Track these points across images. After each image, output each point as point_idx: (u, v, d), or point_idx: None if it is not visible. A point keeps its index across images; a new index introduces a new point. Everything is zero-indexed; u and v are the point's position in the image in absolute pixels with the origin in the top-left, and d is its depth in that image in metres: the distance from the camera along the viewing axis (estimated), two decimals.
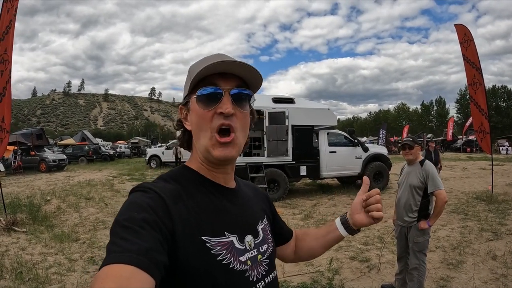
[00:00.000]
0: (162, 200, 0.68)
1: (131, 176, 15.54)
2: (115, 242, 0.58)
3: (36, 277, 4.09)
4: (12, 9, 6.19)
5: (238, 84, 0.76)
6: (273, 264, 0.85)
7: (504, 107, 57.61)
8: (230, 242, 0.73)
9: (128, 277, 0.53)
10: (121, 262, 0.54)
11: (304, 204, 8.55)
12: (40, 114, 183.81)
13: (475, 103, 8.52)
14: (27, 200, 8.71)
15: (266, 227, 0.88)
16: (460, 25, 9.00)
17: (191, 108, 0.78)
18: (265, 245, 0.83)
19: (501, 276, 3.85)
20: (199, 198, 0.74)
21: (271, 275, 0.82)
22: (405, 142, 3.32)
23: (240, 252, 0.74)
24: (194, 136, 0.80)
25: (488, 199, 8.16)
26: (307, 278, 3.96)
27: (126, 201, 0.68)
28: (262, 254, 0.81)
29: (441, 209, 3.09)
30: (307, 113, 9.66)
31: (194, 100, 0.76)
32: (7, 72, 6.11)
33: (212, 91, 0.74)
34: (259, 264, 0.78)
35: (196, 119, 0.76)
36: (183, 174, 0.79)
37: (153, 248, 0.59)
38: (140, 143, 40.85)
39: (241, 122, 0.77)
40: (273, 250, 0.87)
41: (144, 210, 0.64)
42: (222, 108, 0.73)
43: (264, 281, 0.78)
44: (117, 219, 0.63)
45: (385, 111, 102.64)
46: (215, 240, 0.71)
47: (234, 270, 0.72)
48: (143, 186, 0.71)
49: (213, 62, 0.71)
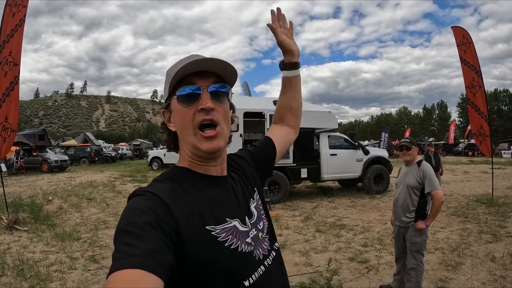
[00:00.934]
0: (160, 200, 0.69)
1: (132, 178, 15.59)
2: (119, 249, 0.60)
3: (37, 274, 4.13)
4: (20, 14, 6.28)
5: (215, 81, 0.80)
6: (274, 237, 0.89)
7: (506, 111, 57.47)
8: (233, 226, 0.77)
9: (136, 281, 0.54)
10: (128, 267, 0.55)
11: (305, 206, 8.56)
12: (43, 115, 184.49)
13: (474, 106, 8.53)
14: (29, 200, 8.75)
15: (258, 202, 0.92)
16: (458, 28, 9.03)
17: (173, 109, 0.80)
18: (261, 222, 0.87)
19: (500, 278, 3.87)
20: (194, 192, 0.77)
21: (274, 248, 0.86)
22: (402, 143, 3.36)
23: (244, 234, 0.78)
24: (179, 136, 0.82)
25: (489, 202, 8.16)
26: (305, 279, 3.99)
27: (125, 208, 0.69)
28: (261, 231, 0.84)
29: (438, 209, 3.12)
30: (308, 116, 9.67)
31: (175, 101, 0.78)
32: (11, 73, 6.19)
33: (191, 89, 0.77)
34: (262, 242, 0.82)
35: (179, 119, 0.79)
36: (175, 173, 0.81)
37: (157, 249, 0.60)
38: (142, 145, 41.04)
39: (222, 115, 0.79)
40: (269, 224, 0.90)
41: (144, 212, 0.65)
42: (203, 104, 0.76)
43: (270, 258, 0.82)
44: (119, 227, 0.64)
45: (387, 114, 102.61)
46: (219, 227, 0.74)
47: (243, 252, 0.75)
48: (139, 190, 0.73)
49: (188, 62, 0.75)
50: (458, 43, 8.77)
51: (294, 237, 5.73)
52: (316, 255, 4.80)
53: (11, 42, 6.23)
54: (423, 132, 66.23)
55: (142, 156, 35.32)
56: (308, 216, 7.28)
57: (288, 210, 8.11)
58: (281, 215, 7.48)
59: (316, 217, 7.26)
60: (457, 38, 8.81)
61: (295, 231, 6.14)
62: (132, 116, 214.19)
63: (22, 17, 6.37)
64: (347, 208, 8.23)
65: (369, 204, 8.65)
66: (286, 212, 7.92)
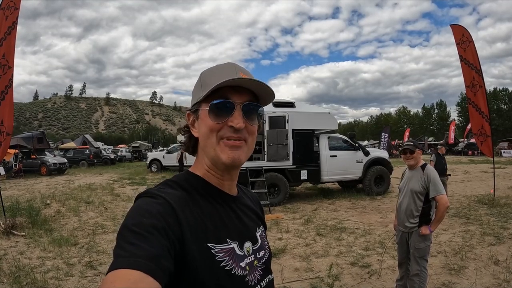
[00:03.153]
0: (171, 207, 0.68)
1: (131, 180, 15.51)
2: (123, 246, 0.60)
3: (34, 281, 4.06)
4: (12, 17, 6.24)
5: (249, 99, 0.78)
6: (269, 269, 0.88)
7: (505, 110, 57.60)
8: (232, 248, 0.76)
9: (135, 281, 0.54)
10: (129, 267, 0.55)
11: (305, 209, 8.50)
12: (42, 117, 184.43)
13: (475, 106, 8.46)
14: (26, 204, 8.67)
15: (263, 234, 0.92)
16: (457, 26, 8.97)
17: (200, 117, 0.79)
18: (262, 251, 0.86)
19: (504, 281, 3.81)
20: (204, 205, 0.76)
21: (266, 278, 0.84)
22: (406, 146, 3.28)
23: (240, 258, 0.77)
24: (201, 143, 0.81)
25: (490, 202, 8.11)
26: (306, 284, 3.92)
27: (134, 206, 0.69)
28: (258, 260, 0.83)
29: (443, 214, 3.05)
30: (308, 117, 9.64)
31: (206, 111, 0.77)
32: (6, 76, 6.15)
33: (224, 104, 0.75)
34: (255, 269, 0.81)
35: (205, 129, 0.77)
36: (189, 181, 0.80)
37: (160, 254, 0.60)
38: (141, 147, 40.91)
39: (250, 134, 0.79)
40: (269, 256, 0.89)
41: (153, 216, 0.65)
42: (233, 123, 0.75)
43: (260, 285, 0.81)
44: (126, 223, 0.64)
45: (386, 114, 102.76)
46: (219, 247, 0.73)
47: (236, 275, 0.74)
48: (151, 192, 0.72)
49: (229, 79, 0.73)
50: (457, 41, 8.70)
51: (294, 241, 5.66)
52: (317, 260, 4.73)
53: (4, 45, 6.19)
54: (423, 131, 66.34)
55: (141, 158, 35.25)
56: (309, 218, 7.22)
57: (288, 213, 8.05)
58: (281, 218, 7.41)
59: (316, 219, 7.19)
60: (456, 36, 8.74)
61: (295, 234, 6.08)
62: (131, 118, 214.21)
63: (15, 19, 6.33)
64: (347, 210, 8.17)
65: (370, 206, 8.58)
66: (286, 215, 7.86)
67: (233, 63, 0.82)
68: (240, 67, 0.81)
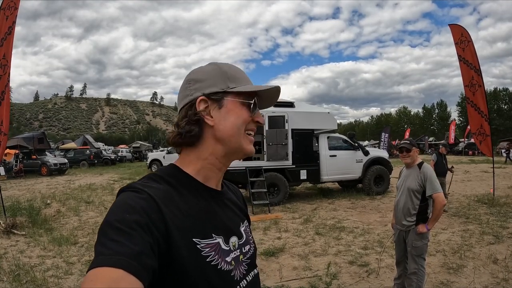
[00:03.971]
0: (154, 203, 0.66)
1: (132, 180, 15.35)
2: (105, 244, 0.58)
3: (34, 279, 4.08)
4: (12, 17, 6.27)
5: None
6: (254, 264, 0.88)
7: (506, 110, 57.49)
8: (217, 243, 0.75)
9: (117, 280, 0.53)
10: (111, 265, 0.54)
11: (304, 208, 8.51)
12: (42, 118, 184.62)
13: (473, 105, 8.45)
14: (27, 204, 8.70)
15: (247, 228, 0.91)
16: (456, 25, 8.97)
17: (228, 106, 0.80)
18: (248, 245, 0.86)
19: (502, 280, 3.81)
20: (188, 200, 0.75)
21: (252, 273, 0.84)
22: (402, 145, 3.29)
23: (225, 253, 0.76)
24: (223, 133, 0.79)
25: (490, 202, 8.11)
26: (304, 283, 3.93)
27: (117, 201, 0.67)
28: (244, 254, 0.83)
29: (440, 212, 3.06)
30: (307, 117, 9.64)
31: (237, 102, 0.80)
32: (5, 77, 6.20)
33: (254, 101, 0.82)
34: (240, 264, 0.81)
35: (237, 121, 0.80)
36: (174, 175, 0.78)
37: (143, 252, 0.58)
38: (142, 147, 40.99)
39: None
40: (254, 251, 0.90)
41: (136, 211, 0.63)
42: (260, 119, 0.83)
43: (246, 280, 0.80)
44: (108, 219, 0.62)
45: (386, 114, 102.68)
46: (204, 242, 0.72)
47: (222, 270, 0.74)
48: (135, 186, 0.70)
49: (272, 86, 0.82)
50: (456, 41, 8.70)
51: (293, 240, 5.67)
52: (316, 259, 4.74)
53: (4, 45, 6.23)
54: (423, 131, 66.25)
55: (142, 159, 35.32)
56: (308, 218, 7.22)
57: (288, 212, 8.05)
58: (281, 218, 7.42)
59: (315, 219, 7.20)
60: (455, 36, 8.74)
61: (294, 233, 6.09)
62: (132, 119, 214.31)
63: (14, 19, 6.37)
64: (347, 210, 8.18)
65: (369, 206, 8.59)
66: (286, 214, 7.87)
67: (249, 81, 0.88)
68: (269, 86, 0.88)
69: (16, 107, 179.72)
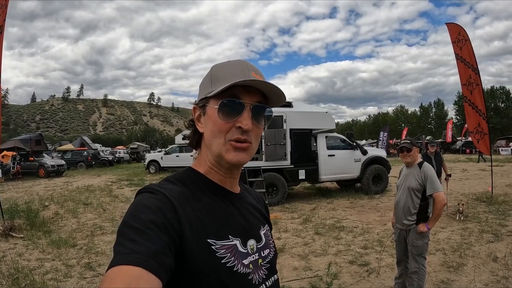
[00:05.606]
0: (170, 203, 0.68)
1: (129, 182, 15.48)
2: (123, 243, 0.59)
3: (33, 283, 4.05)
4: (3, 15, 6.21)
5: (259, 99, 0.78)
6: (274, 269, 0.87)
7: (503, 108, 57.79)
8: (234, 245, 0.75)
9: (136, 278, 0.54)
10: (130, 264, 0.55)
11: (303, 208, 8.51)
12: (39, 119, 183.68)
13: (471, 104, 8.47)
14: (25, 206, 8.65)
15: (268, 232, 0.91)
16: (453, 24, 8.99)
17: (208, 113, 0.78)
18: (267, 249, 0.85)
19: (502, 278, 3.82)
20: (205, 201, 0.75)
21: (272, 278, 0.83)
22: (402, 144, 3.30)
23: (243, 255, 0.76)
24: (207, 140, 0.80)
25: (488, 200, 8.14)
26: (305, 283, 3.93)
27: (134, 202, 0.68)
28: (263, 258, 0.82)
29: (440, 211, 3.07)
30: (305, 117, 9.64)
31: (214, 108, 0.76)
32: None
33: (234, 104, 0.74)
34: (259, 268, 0.80)
35: (212, 126, 0.76)
36: (190, 177, 0.79)
37: (160, 250, 0.59)
38: (139, 148, 40.75)
39: (255, 135, 0.78)
40: (274, 255, 0.89)
41: (152, 212, 0.64)
42: (242, 124, 0.74)
43: (265, 284, 0.80)
44: (125, 220, 0.64)
45: (384, 113, 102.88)
46: (220, 243, 0.72)
47: (238, 273, 0.73)
48: (151, 187, 0.72)
49: (241, 80, 0.73)
50: (453, 40, 8.72)
51: (293, 240, 5.67)
52: (316, 259, 4.74)
53: None
54: (421, 130, 66.37)
55: (139, 160, 35.17)
56: (307, 218, 7.22)
57: (287, 213, 8.05)
58: (280, 218, 7.42)
59: (315, 219, 7.20)
60: (452, 35, 8.76)
61: (294, 234, 6.08)
62: (129, 119, 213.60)
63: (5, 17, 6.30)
64: (346, 209, 8.18)
65: (368, 205, 8.60)
66: (285, 214, 7.86)
67: (245, 61, 0.80)
68: (252, 66, 0.80)
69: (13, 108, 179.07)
